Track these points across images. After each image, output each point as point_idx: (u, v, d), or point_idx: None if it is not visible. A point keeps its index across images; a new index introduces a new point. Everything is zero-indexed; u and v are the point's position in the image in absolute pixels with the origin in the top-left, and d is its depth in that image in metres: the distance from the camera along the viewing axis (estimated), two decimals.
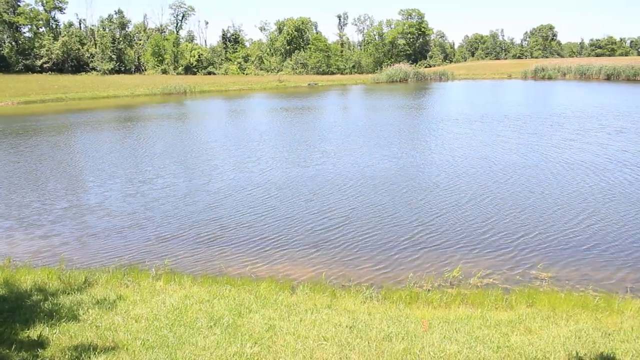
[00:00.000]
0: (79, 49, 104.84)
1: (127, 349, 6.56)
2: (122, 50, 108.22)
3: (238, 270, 11.15)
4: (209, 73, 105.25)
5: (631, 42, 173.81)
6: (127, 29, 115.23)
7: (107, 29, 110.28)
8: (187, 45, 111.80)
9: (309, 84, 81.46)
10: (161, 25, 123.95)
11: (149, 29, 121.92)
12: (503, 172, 19.34)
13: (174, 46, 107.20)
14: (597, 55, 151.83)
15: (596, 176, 18.39)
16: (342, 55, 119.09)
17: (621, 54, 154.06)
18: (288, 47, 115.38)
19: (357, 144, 26.42)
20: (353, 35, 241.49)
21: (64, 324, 7.18)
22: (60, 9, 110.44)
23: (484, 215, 14.43)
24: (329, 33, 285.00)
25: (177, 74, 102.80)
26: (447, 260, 11.45)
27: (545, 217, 14.21)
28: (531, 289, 9.61)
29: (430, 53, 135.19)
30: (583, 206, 15.07)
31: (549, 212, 14.63)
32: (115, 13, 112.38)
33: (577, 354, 6.47)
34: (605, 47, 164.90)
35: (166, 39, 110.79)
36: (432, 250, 12.04)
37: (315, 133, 31.34)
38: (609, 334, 7.13)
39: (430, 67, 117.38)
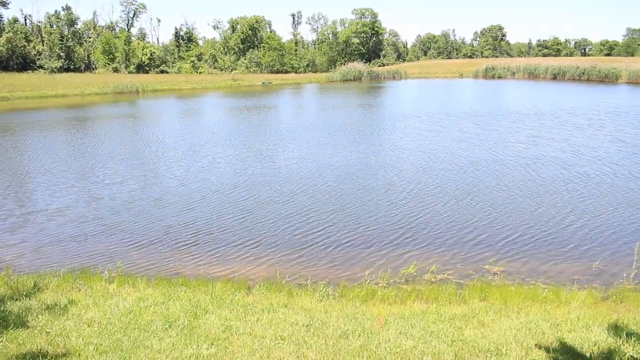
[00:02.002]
0: (24, 46, 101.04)
1: (79, 354, 6.39)
2: (71, 48, 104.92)
3: (193, 271, 11.03)
4: (162, 72, 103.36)
5: (575, 43, 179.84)
6: (75, 26, 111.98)
7: (54, 26, 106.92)
8: (139, 44, 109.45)
9: (263, 83, 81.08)
10: (112, 23, 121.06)
11: (98, 26, 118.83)
12: (457, 169, 19.72)
13: (125, 44, 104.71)
14: (544, 55, 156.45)
15: (546, 172, 18.96)
16: (296, 54, 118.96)
17: (566, 55, 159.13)
18: (242, 46, 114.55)
19: (314, 143, 26.46)
20: (307, 34, 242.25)
21: (11, 331, 6.93)
22: (4, 4, 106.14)
23: (437, 212, 14.69)
24: (283, 32, 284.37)
25: (129, 72, 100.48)
26: (403, 257, 11.61)
27: (497, 212, 14.57)
28: (484, 284, 9.85)
29: (383, 52, 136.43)
30: (533, 202, 15.53)
31: (500, 207, 15.02)
32: (63, 9, 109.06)
33: (527, 344, 6.67)
34: (552, 48, 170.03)
35: (117, 37, 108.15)
36: (387, 248, 12.18)
37: (270, 132, 31.21)
38: (557, 325, 7.37)
39: (384, 66, 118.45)
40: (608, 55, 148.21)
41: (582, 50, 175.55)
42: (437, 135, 28.34)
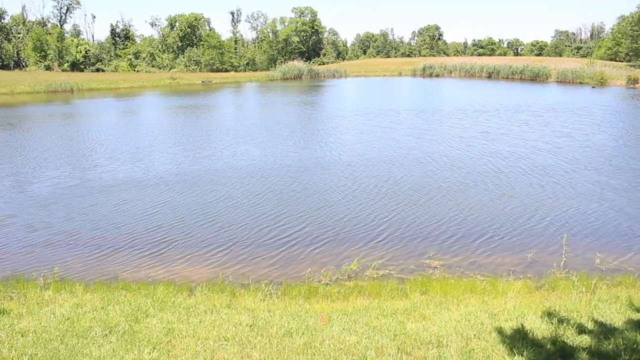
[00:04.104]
0: None
1: None
2: None
3: (133, 274, 10.78)
4: (98, 70, 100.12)
5: (508, 43, 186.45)
6: (2, 20, 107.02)
7: None
8: (72, 41, 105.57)
9: (203, 82, 79.96)
10: (43, 18, 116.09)
11: (28, 21, 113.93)
12: (398, 166, 20.05)
13: (58, 41, 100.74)
14: (480, 54, 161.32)
15: (484, 168, 19.56)
16: (236, 52, 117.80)
17: (500, 54, 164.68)
18: (181, 44, 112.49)
19: (257, 142, 26.30)
20: (247, 32, 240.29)
21: None
22: None
23: (378, 209, 14.90)
24: (223, 30, 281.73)
25: (63, 70, 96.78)
26: (345, 253, 11.73)
27: (437, 208, 14.93)
28: (424, 278, 10.08)
29: (323, 51, 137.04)
30: (472, 197, 15.99)
31: (440, 203, 15.39)
32: None
33: (467, 335, 6.87)
34: (486, 47, 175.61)
35: (49, 33, 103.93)
36: (329, 245, 12.28)
37: (211, 132, 30.81)
38: (495, 315, 7.63)
39: (324, 64, 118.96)
40: (539, 55, 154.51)
41: (515, 50, 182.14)
42: (383, 132, 28.71)
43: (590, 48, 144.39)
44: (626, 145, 24.34)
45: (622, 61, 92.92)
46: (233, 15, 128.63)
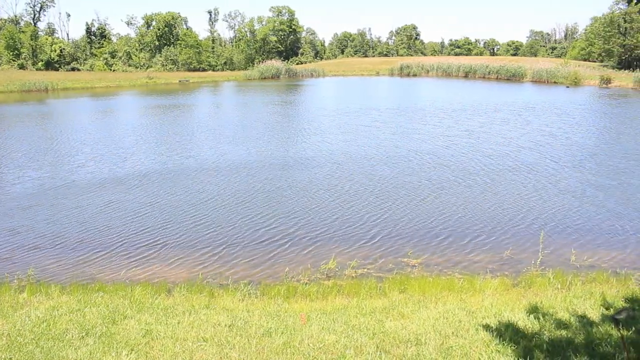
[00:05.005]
0: None
1: None
2: None
3: (111, 275, 10.66)
4: (73, 69, 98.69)
5: (484, 42, 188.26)
6: None
7: None
8: (47, 39, 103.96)
9: (180, 81, 79.31)
10: (15, 16, 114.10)
11: (0, 19, 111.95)
12: (379, 164, 20.13)
13: (31, 39, 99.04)
14: (456, 54, 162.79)
15: (464, 167, 19.73)
16: (214, 51, 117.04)
17: (476, 54, 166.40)
18: (157, 43, 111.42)
19: (235, 142, 26.17)
20: (224, 31, 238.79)
21: None
22: None
23: (356, 208, 14.94)
24: (200, 29, 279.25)
25: (37, 69, 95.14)
26: (323, 253, 11.74)
27: (415, 206, 15.02)
28: (403, 276, 10.14)
29: (301, 50, 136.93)
30: (450, 195, 16.12)
31: (418, 201, 15.49)
32: None
33: (445, 333, 6.93)
34: (463, 47, 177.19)
35: (22, 32, 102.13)
36: (307, 244, 12.28)
37: (187, 131, 30.55)
38: (473, 312, 7.70)
39: (302, 64, 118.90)
40: (514, 55, 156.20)
41: (491, 50, 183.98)
42: (367, 130, 28.78)
43: (565, 48, 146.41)
44: (605, 143, 24.77)
45: (595, 61, 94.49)
46: (210, 14, 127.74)
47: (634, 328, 6.76)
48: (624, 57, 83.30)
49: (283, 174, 19.11)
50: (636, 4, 4.67)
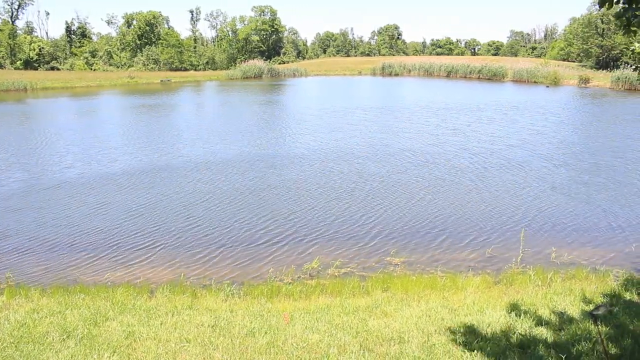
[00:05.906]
0: None
1: None
2: None
3: (93, 277, 10.56)
4: (53, 68, 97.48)
5: (465, 43, 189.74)
6: None
7: None
8: (25, 38, 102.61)
9: (162, 81, 78.74)
10: None
11: None
12: (361, 163, 20.17)
13: (9, 38, 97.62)
14: (438, 54, 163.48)
15: (448, 165, 19.86)
16: (196, 51, 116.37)
17: (458, 54, 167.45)
18: (139, 42, 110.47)
19: (218, 141, 26.05)
20: (206, 31, 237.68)
21: None
22: None
23: (339, 207, 14.97)
24: (182, 28, 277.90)
25: (16, 68, 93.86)
26: (306, 252, 11.76)
27: (398, 205, 15.08)
28: (386, 275, 10.18)
29: (283, 50, 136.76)
30: (431, 194, 16.22)
31: (401, 200, 15.56)
32: None
33: (428, 330, 6.98)
34: (445, 47, 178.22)
35: (0, 30, 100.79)
36: (290, 244, 12.28)
37: (169, 131, 30.33)
38: (455, 310, 7.78)
39: (284, 63, 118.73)
40: (495, 55, 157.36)
41: (472, 50, 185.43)
42: (355, 129, 28.82)
43: (544, 48, 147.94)
44: (588, 141, 25.13)
45: (574, 61, 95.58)
46: (192, 14, 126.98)
47: (611, 323, 6.87)
48: (601, 58, 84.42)
49: (266, 174, 19.07)
50: (608, 8, 4.72)
